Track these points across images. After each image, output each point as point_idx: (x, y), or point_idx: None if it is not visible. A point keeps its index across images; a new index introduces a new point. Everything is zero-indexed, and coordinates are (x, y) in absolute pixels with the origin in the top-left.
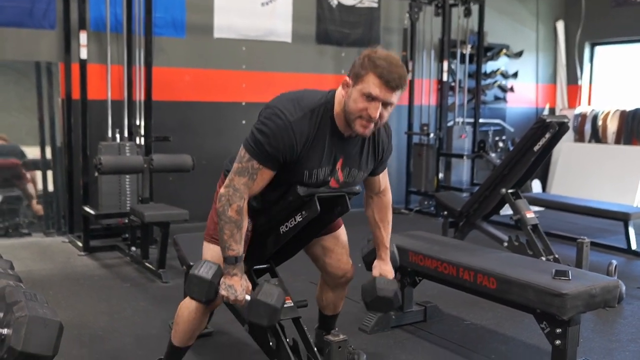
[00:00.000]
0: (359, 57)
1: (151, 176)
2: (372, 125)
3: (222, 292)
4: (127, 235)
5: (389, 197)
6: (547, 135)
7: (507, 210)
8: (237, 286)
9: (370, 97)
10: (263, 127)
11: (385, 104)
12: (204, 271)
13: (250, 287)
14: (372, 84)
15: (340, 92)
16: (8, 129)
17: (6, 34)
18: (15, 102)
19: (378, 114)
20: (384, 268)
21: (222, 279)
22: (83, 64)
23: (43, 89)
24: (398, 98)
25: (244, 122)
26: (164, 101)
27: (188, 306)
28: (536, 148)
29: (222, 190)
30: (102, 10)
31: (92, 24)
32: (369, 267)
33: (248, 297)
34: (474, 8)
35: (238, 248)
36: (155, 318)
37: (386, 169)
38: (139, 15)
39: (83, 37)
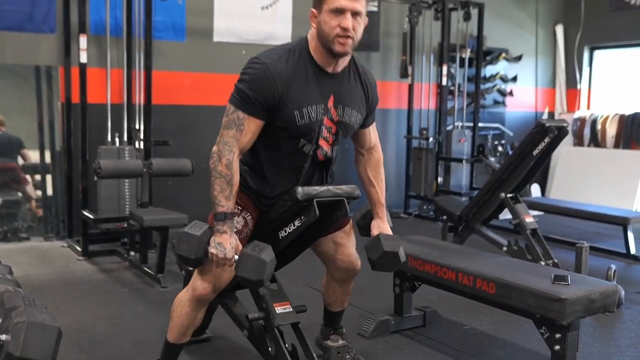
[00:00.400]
0: None
1: (150, 180)
2: (350, 40)
3: (212, 250)
4: (126, 240)
5: (380, 153)
6: (546, 140)
7: (506, 215)
8: (226, 244)
9: (337, 11)
10: (242, 76)
11: (355, 14)
12: (194, 229)
13: (240, 247)
14: None
15: (312, 31)
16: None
17: (6, 37)
18: (15, 105)
19: (351, 24)
20: (382, 226)
21: (211, 238)
22: (83, 67)
23: (43, 92)
24: (364, 7)
25: None
26: (164, 105)
27: (182, 300)
28: (535, 152)
29: (213, 147)
30: (102, 13)
31: (92, 28)
32: (363, 231)
33: (237, 257)
34: (474, 12)
35: (228, 204)
36: (154, 323)
37: (374, 124)
38: (139, 19)
39: (83, 41)
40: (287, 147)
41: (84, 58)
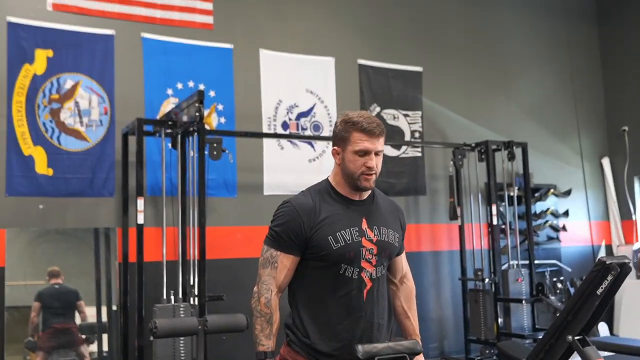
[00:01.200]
0: (336, 126)
1: (206, 338)
2: (374, 176)
3: None
4: None
5: (412, 283)
6: (609, 278)
7: (575, 358)
8: None
9: (362, 153)
10: (273, 218)
11: (376, 153)
12: None
13: None
14: (359, 141)
15: (333, 168)
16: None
17: (68, 203)
18: (74, 266)
19: (374, 163)
20: None
21: None
22: (140, 228)
23: (101, 252)
24: (383, 145)
25: None
26: (217, 259)
27: None
28: (599, 292)
29: (254, 288)
30: (158, 176)
31: (148, 189)
32: None
33: None
34: (517, 151)
35: (268, 343)
36: None
37: (404, 253)
38: (192, 178)
39: (140, 203)
40: (328, 276)
41: (141, 219)
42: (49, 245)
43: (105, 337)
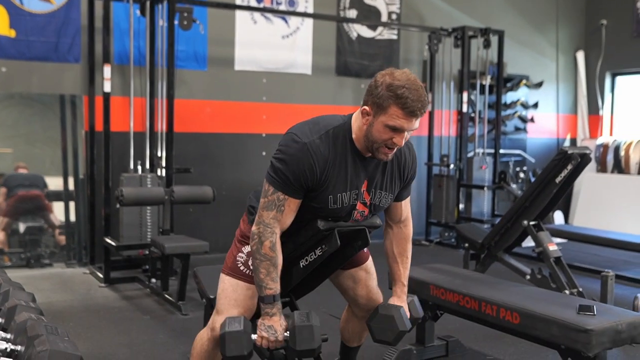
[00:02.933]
0: (377, 84)
1: (172, 208)
2: (395, 150)
3: (263, 333)
4: (147, 267)
5: (409, 229)
6: (569, 167)
7: (529, 243)
8: (276, 326)
9: (395, 129)
10: (281, 155)
11: (409, 129)
12: (232, 325)
13: (287, 324)
14: (395, 117)
15: (358, 118)
16: (32, 160)
17: (33, 67)
18: (40, 134)
19: (403, 142)
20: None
21: (259, 321)
22: (107, 96)
23: (67, 121)
24: (419, 122)
25: (264, 153)
26: (185, 133)
27: (201, 338)
28: (558, 180)
29: (253, 228)
30: (125, 44)
31: (115, 58)
32: (372, 332)
33: (286, 334)
34: (494, 39)
35: (275, 286)
36: (174, 351)
37: (409, 198)
38: (161, 49)
39: (107, 70)
40: (315, 213)
41: (107, 87)
42: (13, 109)
43: (72, 205)
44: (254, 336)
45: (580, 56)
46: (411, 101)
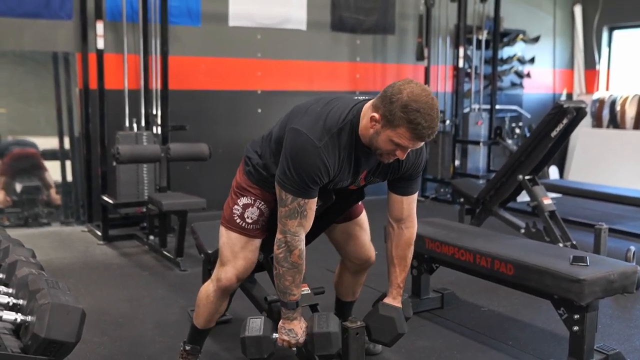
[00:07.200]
0: (393, 99)
1: (168, 165)
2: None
3: (284, 337)
4: (145, 224)
5: (412, 231)
6: (565, 121)
7: (524, 197)
8: (297, 329)
9: (399, 146)
10: (295, 161)
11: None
12: (252, 330)
13: (307, 326)
14: (403, 137)
15: (368, 114)
16: (27, 119)
17: (24, 25)
18: (34, 92)
19: (405, 156)
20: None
21: (280, 324)
22: (100, 54)
23: (61, 79)
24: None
25: (259, 110)
26: (180, 90)
27: (207, 290)
28: (553, 134)
29: (278, 236)
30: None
31: (108, 14)
32: (368, 332)
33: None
34: None
35: (298, 292)
36: (174, 305)
37: (414, 197)
38: (154, 4)
39: (99, 27)
40: None
41: (100, 44)
42: (6, 68)
43: (68, 164)
44: (275, 335)
45: (578, 10)
46: (422, 128)
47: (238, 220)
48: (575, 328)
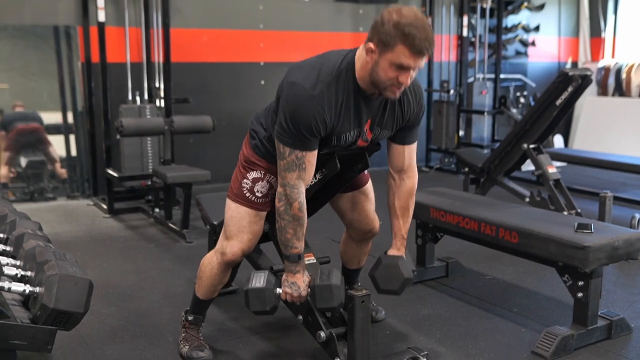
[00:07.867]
0: (384, 21)
1: (172, 138)
2: (402, 88)
3: (287, 289)
4: (150, 197)
5: (413, 181)
6: (570, 89)
7: (528, 166)
8: (299, 282)
9: (401, 67)
10: (291, 111)
11: (415, 68)
12: (257, 282)
13: (310, 279)
14: (402, 55)
15: (362, 55)
16: (29, 94)
17: None
18: (36, 66)
19: (409, 80)
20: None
21: (283, 277)
22: (101, 27)
23: (62, 53)
24: (426, 60)
25: (262, 82)
26: (183, 62)
27: (210, 262)
28: (558, 102)
29: (278, 189)
30: None
31: None
32: (376, 284)
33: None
34: None
35: (300, 245)
36: (180, 277)
37: (414, 145)
38: None
39: None
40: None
41: (102, 17)
42: (7, 42)
43: (72, 138)
44: (278, 290)
45: None
46: (419, 40)
47: (248, 194)
48: (580, 295)
